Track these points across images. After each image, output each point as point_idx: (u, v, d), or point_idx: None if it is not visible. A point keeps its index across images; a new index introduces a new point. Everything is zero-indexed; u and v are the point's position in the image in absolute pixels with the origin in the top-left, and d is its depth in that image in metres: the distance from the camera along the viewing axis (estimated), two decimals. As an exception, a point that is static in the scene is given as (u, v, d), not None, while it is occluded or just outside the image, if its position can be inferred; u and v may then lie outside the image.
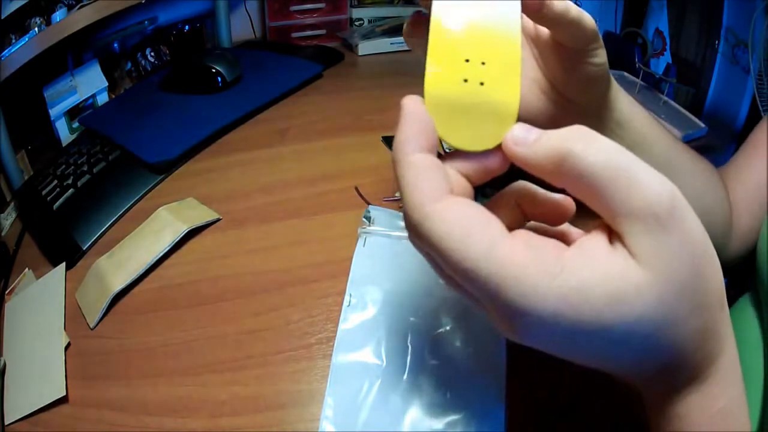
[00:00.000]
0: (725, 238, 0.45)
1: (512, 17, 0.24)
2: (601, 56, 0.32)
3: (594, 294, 0.19)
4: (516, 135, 0.23)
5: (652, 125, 0.39)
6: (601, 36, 0.32)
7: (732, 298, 0.47)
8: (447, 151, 0.27)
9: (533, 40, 0.34)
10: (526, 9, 0.27)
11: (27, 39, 0.60)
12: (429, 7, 0.25)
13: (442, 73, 0.23)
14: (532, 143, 0.22)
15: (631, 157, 0.20)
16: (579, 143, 0.21)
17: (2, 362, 0.42)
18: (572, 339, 0.20)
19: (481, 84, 0.23)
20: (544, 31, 0.33)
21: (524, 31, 0.34)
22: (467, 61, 0.23)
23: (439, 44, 0.23)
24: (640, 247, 0.20)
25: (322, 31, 0.92)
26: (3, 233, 0.58)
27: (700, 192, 0.42)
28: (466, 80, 0.23)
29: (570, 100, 0.35)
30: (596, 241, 0.21)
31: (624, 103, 0.37)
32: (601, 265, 0.20)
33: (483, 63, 0.23)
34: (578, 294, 0.19)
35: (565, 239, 0.23)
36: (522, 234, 0.21)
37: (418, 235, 0.21)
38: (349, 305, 0.40)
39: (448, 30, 0.24)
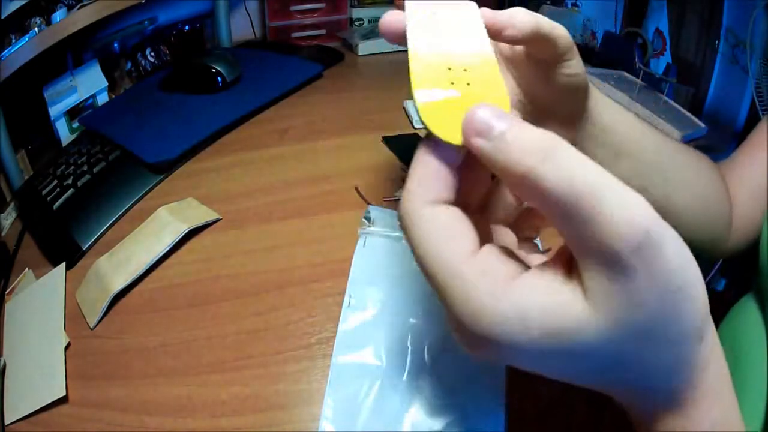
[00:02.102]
0: (725, 233, 0.46)
1: (476, 23, 0.26)
2: (575, 66, 0.32)
3: (531, 323, 0.19)
4: (480, 118, 0.19)
5: (643, 131, 0.39)
6: (575, 46, 0.31)
7: (732, 298, 0.47)
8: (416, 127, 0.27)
9: (506, 54, 0.34)
10: (493, 34, 0.27)
11: (27, 39, 0.60)
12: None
13: (429, 75, 0.23)
14: (496, 138, 0.19)
15: (600, 181, 0.18)
16: (542, 161, 0.18)
17: (2, 362, 0.42)
18: (517, 358, 0.20)
19: (468, 84, 0.23)
20: (517, 46, 0.33)
21: (496, 44, 0.34)
22: (449, 69, 0.24)
23: (419, 55, 0.24)
24: (593, 285, 0.18)
25: (322, 31, 0.92)
26: (3, 233, 0.58)
27: (701, 191, 0.43)
28: (453, 83, 0.23)
29: (548, 110, 0.35)
30: (552, 268, 0.20)
31: (607, 109, 0.36)
32: (544, 295, 0.19)
33: (465, 70, 0.24)
34: (516, 320, 0.19)
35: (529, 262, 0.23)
36: (487, 251, 0.21)
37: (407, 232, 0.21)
38: (348, 305, 0.40)
39: (427, 41, 0.25)
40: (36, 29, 0.61)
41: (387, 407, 0.34)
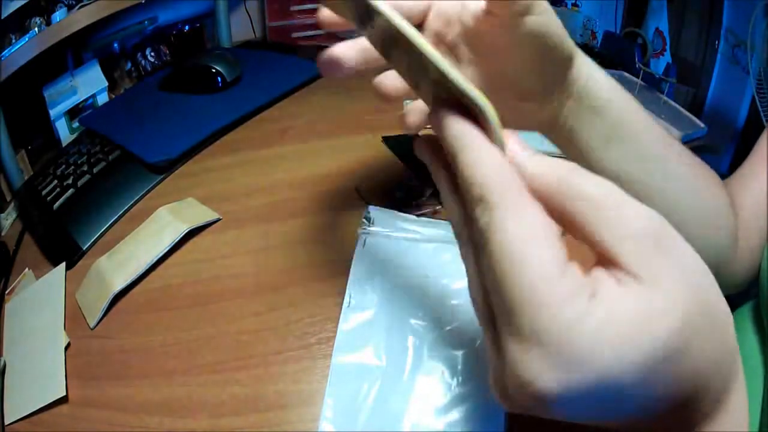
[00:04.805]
0: (731, 249, 0.43)
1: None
2: (539, 8, 0.26)
3: (623, 336, 0.18)
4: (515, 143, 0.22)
5: (639, 112, 0.35)
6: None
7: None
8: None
9: (464, 26, 0.30)
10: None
11: (27, 39, 0.60)
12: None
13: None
14: (531, 153, 0.21)
15: (619, 188, 0.20)
16: (572, 168, 0.20)
17: (2, 362, 0.42)
18: (606, 384, 0.18)
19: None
20: (467, 16, 0.29)
21: (447, 25, 0.31)
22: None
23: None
24: (645, 268, 0.19)
25: (322, 31, 0.92)
26: (3, 233, 0.58)
27: (701, 193, 0.39)
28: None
29: (518, 85, 0.31)
30: (606, 281, 0.19)
31: (597, 84, 0.32)
32: (628, 302, 0.18)
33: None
34: (610, 336, 0.18)
35: None
36: (579, 267, 0.20)
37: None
38: (349, 305, 0.40)
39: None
40: (36, 29, 0.61)
41: (387, 407, 0.34)
